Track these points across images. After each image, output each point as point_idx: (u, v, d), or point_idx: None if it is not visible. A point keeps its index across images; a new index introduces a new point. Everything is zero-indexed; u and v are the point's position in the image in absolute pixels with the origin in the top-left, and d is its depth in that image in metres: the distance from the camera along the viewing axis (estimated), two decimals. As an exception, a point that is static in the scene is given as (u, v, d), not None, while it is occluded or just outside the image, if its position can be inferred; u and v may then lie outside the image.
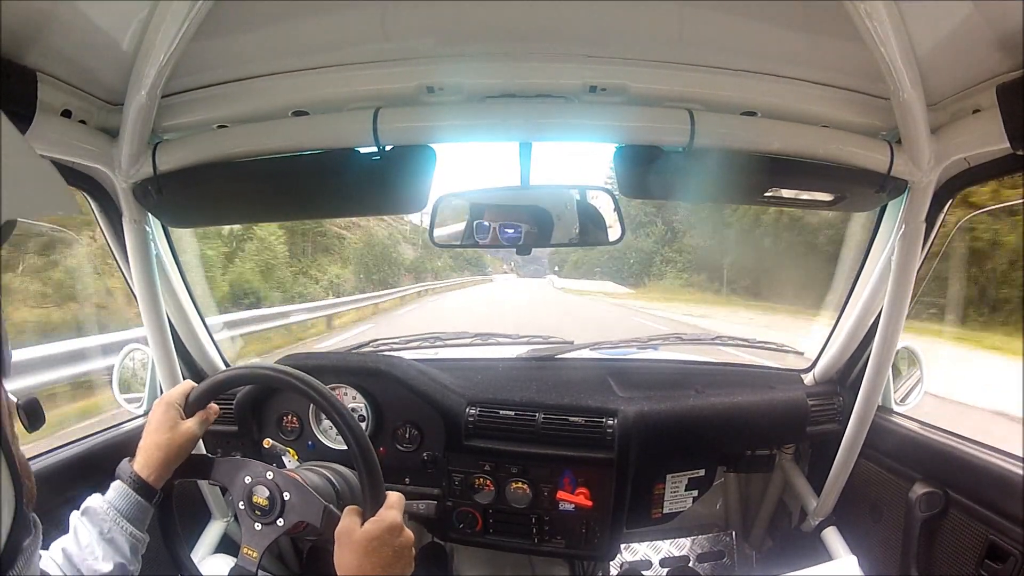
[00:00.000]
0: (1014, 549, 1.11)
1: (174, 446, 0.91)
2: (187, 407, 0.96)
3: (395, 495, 0.88)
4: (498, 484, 1.41)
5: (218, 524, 1.62)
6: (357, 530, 0.82)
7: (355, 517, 0.84)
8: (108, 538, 0.84)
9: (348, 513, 0.85)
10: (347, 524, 0.84)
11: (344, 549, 0.82)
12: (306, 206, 1.42)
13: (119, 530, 0.85)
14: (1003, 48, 0.87)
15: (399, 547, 0.83)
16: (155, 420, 0.93)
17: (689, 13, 0.99)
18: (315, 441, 1.46)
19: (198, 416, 0.95)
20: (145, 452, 0.90)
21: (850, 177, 1.19)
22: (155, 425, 0.92)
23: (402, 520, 0.85)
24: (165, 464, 0.90)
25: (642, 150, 1.16)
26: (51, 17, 0.79)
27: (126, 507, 0.86)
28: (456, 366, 1.65)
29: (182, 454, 0.92)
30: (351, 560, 0.81)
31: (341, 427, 0.89)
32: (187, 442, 0.93)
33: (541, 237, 1.27)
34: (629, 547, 1.83)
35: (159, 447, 0.90)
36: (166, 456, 0.90)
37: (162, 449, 0.90)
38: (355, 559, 0.80)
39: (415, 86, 1.10)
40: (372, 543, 0.81)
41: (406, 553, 0.84)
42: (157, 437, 0.91)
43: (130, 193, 1.19)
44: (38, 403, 0.64)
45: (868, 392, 1.41)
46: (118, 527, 0.85)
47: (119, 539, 0.84)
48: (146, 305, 1.33)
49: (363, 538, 0.81)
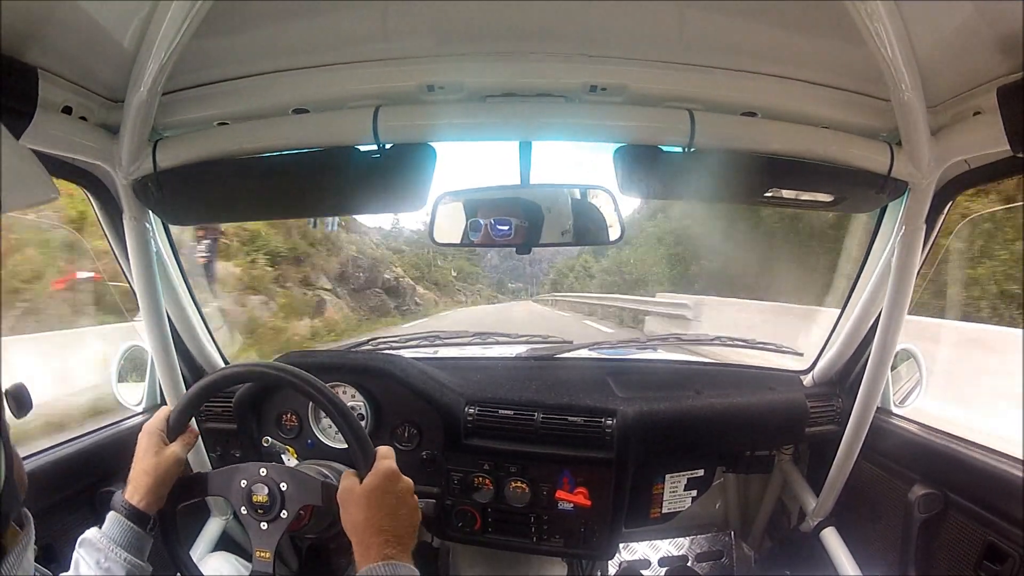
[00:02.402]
0: (1012, 550, 1.11)
1: (160, 471, 0.93)
2: (169, 432, 0.98)
3: (384, 447, 0.90)
4: (497, 483, 1.41)
5: (217, 522, 1.62)
6: (357, 487, 0.85)
7: (352, 478, 0.87)
8: (104, 567, 0.86)
9: (345, 476, 0.89)
10: (347, 485, 0.87)
11: (349, 507, 0.85)
12: (306, 204, 1.42)
13: (115, 558, 0.86)
14: (1004, 50, 0.87)
15: (401, 492, 0.86)
16: (140, 449, 0.96)
17: (689, 13, 0.99)
18: (314, 439, 1.46)
19: (180, 440, 0.98)
20: (134, 481, 0.93)
21: (850, 178, 1.19)
22: (141, 453, 0.95)
23: (396, 467, 0.87)
24: (155, 489, 0.93)
25: (642, 150, 1.16)
26: (52, 14, 0.80)
27: (120, 535, 0.88)
28: (455, 365, 1.65)
29: (169, 478, 0.95)
30: (358, 515, 0.83)
31: (314, 396, 0.91)
32: (172, 465, 0.95)
33: (532, 231, 1.26)
34: (628, 546, 1.83)
35: (147, 473, 0.93)
36: (154, 482, 0.93)
37: (149, 475, 0.93)
38: (361, 513, 0.83)
39: (415, 84, 1.10)
40: (374, 494, 0.84)
41: (409, 498, 0.87)
42: (144, 464, 0.94)
43: (130, 190, 1.19)
44: (25, 389, 0.64)
45: (867, 393, 1.41)
46: (114, 555, 0.86)
47: (115, 568, 0.86)
48: (146, 302, 1.33)
49: (364, 491, 0.84)
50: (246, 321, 7.93)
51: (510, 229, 1.26)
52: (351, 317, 11.50)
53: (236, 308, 8.02)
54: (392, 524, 0.82)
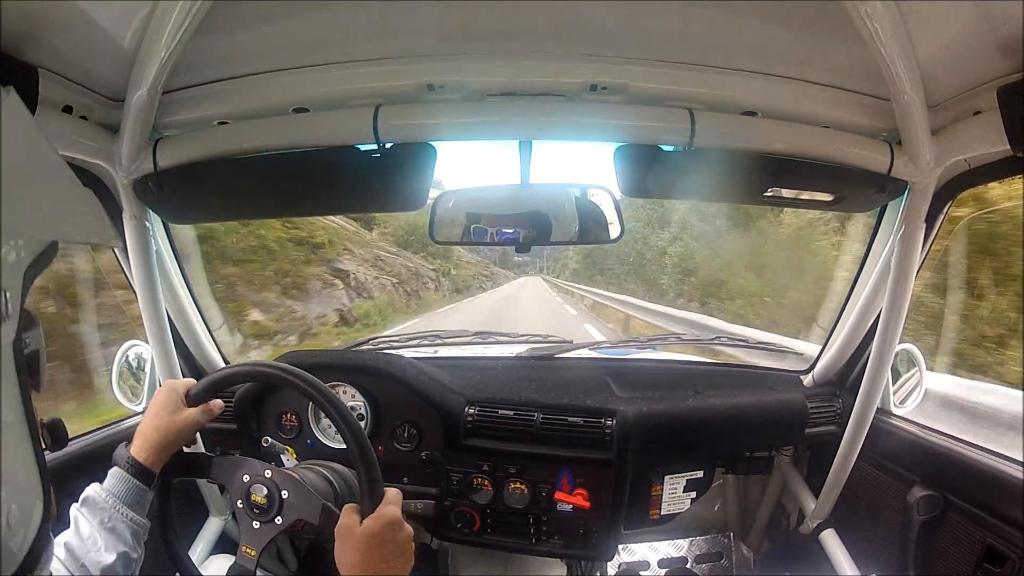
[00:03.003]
0: (1012, 552, 1.11)
1: (173, 430, 0.91)
2: (189, 400, 0.96)
3: (393, 491, 0.88)
4: (496, 484, 1.41)
5: (216, 522, 1.62)
6: (357, 527, 0.82)
7: (354, 515, 0.84)
8: (109, 527, 0.83)
9: (347, 511, 0.85)
10: (347, 522, 0.84)
11: (345, 546, 0.82)
12: (306, 202, 1.42)
13: (120, 517, 0.84)
14: (1004, 50, 0.87)
15: (400, 542, 0.83)
16: (157, 403, 0.92)
17: (690, 12, 0.99)
18: (314, 440, 1.46)
19: (201, 407, 0.95)
20: (142, 435, 0.90)
21: (850, 177, 1.19)
22: (156, 408, 0.92)
23: (401, 516, 0.85)
24: (163, 447, 0.90)
25: (642, 149, 1.16)
26: (52, 14, 0.80)
27: (124, 493, 0.85)
28: (455, 365, 1.65)
29: (180, 440, 0.92)
30: (352, 557, 0.81)
31: (340, 424, 0.89)
32: (187, 427, 0.92)
33: (540, 237, 1.27)
34: (627, 548, 1.83)
35: (157, 429, 0.90)
36: (164, 439, 0.90)
37: (160, 431, 0.90)
38: (357, 556, 0.81)
39: (416, 84, 1.10)
40: (373, 539, 0.81)
41: (407, 548, 0.84)
42: (156, 420, 0.91)
43: (130, 189, 1.19)
44: (62, 424, 0.64)
45: (867, 394, 1.41)
46: (119, 514, 0.84)
47: (120, 527, 0.84)
48: (146, 302, 1.33)
49: (364, 534, 0.81)
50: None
51: (516, 236, 1.26)
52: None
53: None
54: (386, 572, 0.81)
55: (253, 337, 7.32)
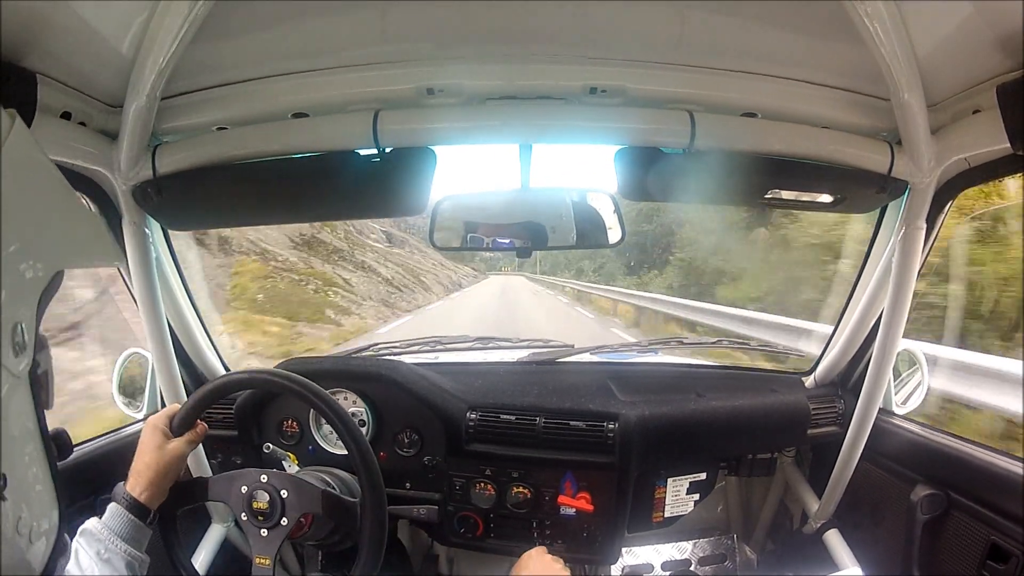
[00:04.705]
0: (1016, 550, 1.10)
1: (162, 464, 0.94)
2: (173, 428, 0.98)
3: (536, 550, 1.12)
4: (499, 488, 1.40)
5: (218, 529, 1.61)
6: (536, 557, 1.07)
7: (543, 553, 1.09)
8: (105, 558, 0.86)
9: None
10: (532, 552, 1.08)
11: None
12: (305, 208, 1.41)
13: (115, 550, 0.86)
14: (1003, 48, 0.87)
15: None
16: (143, 442, 0.96)
17: (689, 14, 0.99)
18: (315, 446, 1.45)
19: (186, 435, 0.98)
20: (136, 472, 0.94)
21: (850, 178, 1.19)
22: (143, 447, 0.96)
23: (552, 559, 1.10)
24: (156, 483, 0.93)
25: (642, 152, 1.16)
26: (51, 20, 0.79)
27: (120, 527, 0.88)
28: (456, 370, 1.64)
29: (171, 472, 0.95)
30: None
31: (338, 427, 0.90)
32: (175, 460, 0.96)
33: (536, 244, 1.29)
34: (630, 551, 1.82)
35: (148, 467, 0.94)
36: (156, 475, 0.93)
37: (152, 468, 0.93)
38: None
39: (415, 88, 1.10)
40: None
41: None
42: (146, 458, 0.95)
43: (130, 195, 1.19)
44: (66, 433, 0.67)
45: (869, 394, 1.41)
46: (114, 547, 0.87)
47: (115, 559, 0.86)
48: (146, 308, 1.32)
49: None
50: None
51: (512, 246, 1.28)
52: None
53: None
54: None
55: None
